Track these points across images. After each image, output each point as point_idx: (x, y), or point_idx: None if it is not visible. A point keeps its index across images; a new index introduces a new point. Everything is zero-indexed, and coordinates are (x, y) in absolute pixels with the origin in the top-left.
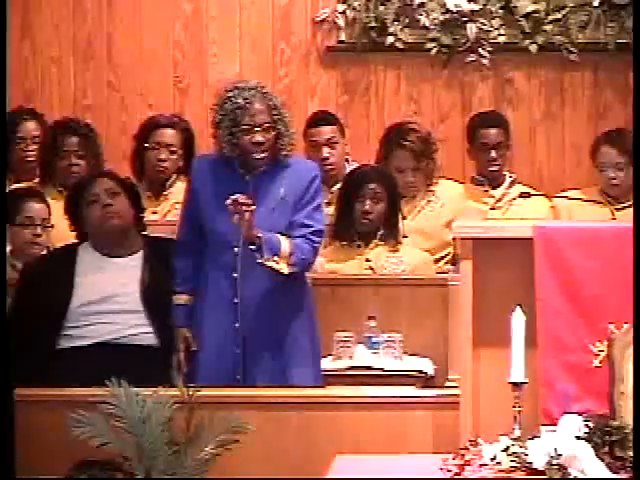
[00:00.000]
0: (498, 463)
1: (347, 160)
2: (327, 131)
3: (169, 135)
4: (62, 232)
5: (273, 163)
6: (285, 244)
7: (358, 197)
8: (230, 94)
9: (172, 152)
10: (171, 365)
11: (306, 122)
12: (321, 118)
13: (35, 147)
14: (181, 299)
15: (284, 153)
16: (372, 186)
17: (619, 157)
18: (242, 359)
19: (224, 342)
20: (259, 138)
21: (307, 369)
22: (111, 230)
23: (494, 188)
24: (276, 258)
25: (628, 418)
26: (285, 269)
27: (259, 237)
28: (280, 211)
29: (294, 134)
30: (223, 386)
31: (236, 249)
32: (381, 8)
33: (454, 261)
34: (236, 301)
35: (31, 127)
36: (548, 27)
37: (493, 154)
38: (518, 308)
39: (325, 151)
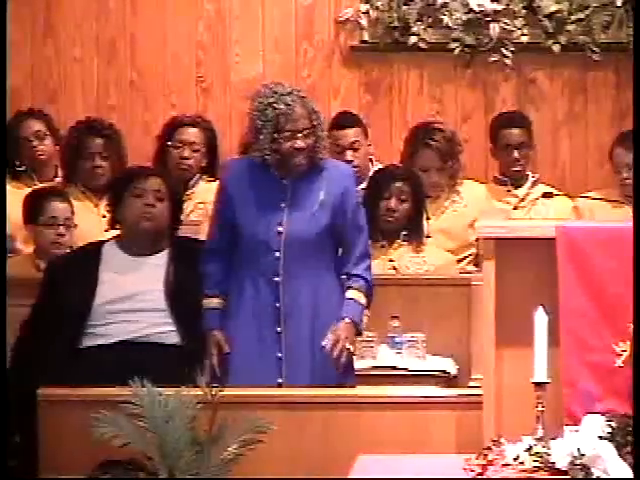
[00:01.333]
0: (521, 463)
1: (371, 160)
2: (351, 134)
3: (192, 134)
4: (85, 232)
5: (309, 166)
6: (361, 298)
7: (384, 195)
8: (271, 99)
9: (195, 150)
10: (194, 364)
11: (329, 124)
12: (344, 120)
13: (39, 142)
14: (213, 302)
15: (320, 156)
16: (398, 184)
17: (629, 157)
18: (284, 363)
19: (265, 346)
20: (301, 144)
21: (344, 370)
22: (143, 230)
23: (517, 188)
24: (363, 316)
25: None
26: (368, 313)
27: (353, 325)
28: (321, 214)
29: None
30: (245, 386)
31: (277, 253)
32: (404, 8)
33: (477, 262)
34: (278, 305)
35: (29, 124)
36: (571, 27)
37: (516, 154)
38: (541, 308)
39: (349, 154)
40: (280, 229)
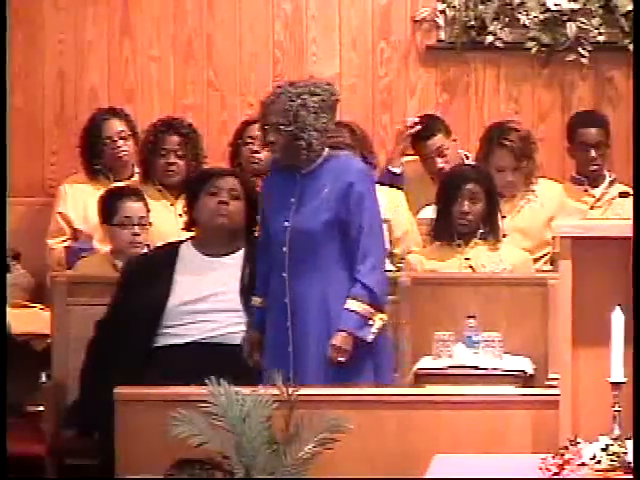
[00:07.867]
0: (598, 462)
1: (467, 157)
2: (435, 142)
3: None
4: (162, 230)
5: (319, 162)
6: (360, 307)
7: (456, 198)
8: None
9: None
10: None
11: (412, 136)
12: (425, 131)
13: (123, 142)
14: (257, 301)
15: (308, 153)
16: (469, 186)
17: None
18: (292, 357)
19: (279, 342)
20: (270, 138)
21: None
22: (218, 227)
23: (594, 187)
24: (370, 322)
25: None
26: (383, 316)
27: (350, 336)
28: (323, 209)
29: (320, 136)
30: (322, 385)
31: (284, 248)
32: (481, 7)
33: (553, 260)
34: (286, 300)
35: (113, 124)
36: None
37: (593, 153)
38: (618, 307)
39: (438, 162)
40: (286, 224)
